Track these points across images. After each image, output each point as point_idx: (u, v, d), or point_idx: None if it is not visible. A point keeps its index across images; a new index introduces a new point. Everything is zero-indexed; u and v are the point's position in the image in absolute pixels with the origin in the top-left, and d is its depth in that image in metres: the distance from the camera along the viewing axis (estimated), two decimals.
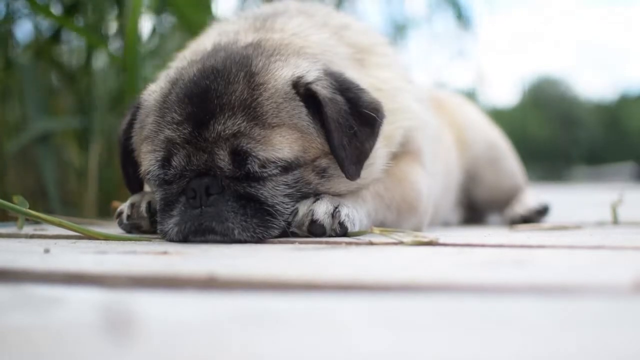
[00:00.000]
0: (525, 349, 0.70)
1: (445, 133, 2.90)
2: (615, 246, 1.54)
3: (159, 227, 1.81)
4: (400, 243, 1.64)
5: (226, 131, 1.72)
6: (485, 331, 0.77)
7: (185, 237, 1.74)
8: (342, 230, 1.77)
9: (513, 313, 0.86)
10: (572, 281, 1.02)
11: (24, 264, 1.25)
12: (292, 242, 1.69)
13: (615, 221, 2.58)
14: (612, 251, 1.48)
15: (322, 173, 1.81)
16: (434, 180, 2.33)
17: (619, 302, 0.91)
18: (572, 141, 48.28)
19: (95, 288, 1.06)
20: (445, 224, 2.93)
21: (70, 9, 3.53)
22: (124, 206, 1.98)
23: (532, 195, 3.26)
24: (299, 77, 1.80)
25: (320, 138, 1.79)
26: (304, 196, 1.80)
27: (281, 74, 1.81)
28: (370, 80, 2.03)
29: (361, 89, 1.88)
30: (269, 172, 1.74)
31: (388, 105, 1.94)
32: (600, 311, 0.86)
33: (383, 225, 1.94)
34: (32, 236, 1.89)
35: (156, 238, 1.83)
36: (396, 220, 2.02)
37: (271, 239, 1.75)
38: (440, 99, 3.18)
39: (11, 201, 1.76)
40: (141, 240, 1.79)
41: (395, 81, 2.13)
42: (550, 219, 3.02)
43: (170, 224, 1.76)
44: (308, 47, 1.97)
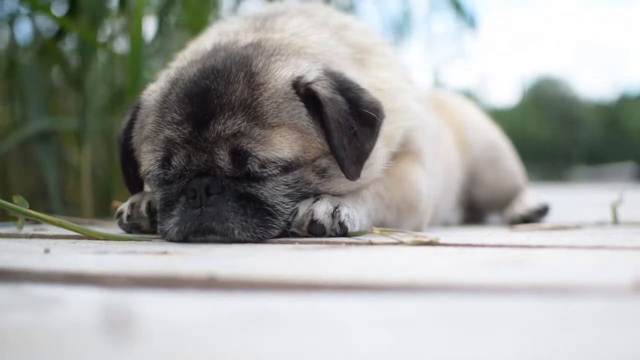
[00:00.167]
0: (525, 349, 0.70)
1: (445, 133, 2.90)
2: (615, 246, 1.54)
3: (159, 227, 1.81)
4: (400, 243, 1.64)
5: (226, 131, 1.72)
6: (485, 331, 0.77)
7: (185, 237, 1.74)
8: (342, 230, 1.77)
9: (513, 313, 0.86)
10: (572, 281, 1.02)
11: (24, 264, 1.25)
12: (292, 242, 1.69)
13: (615, 221, 2.58)
14: (612, 251, 1.47)
15: (322, 173, 1.81)
16: (434, 180, 2.33)
17: (619, 302, 0.91)
18: (572, 141, 48.29)
19: (95, 288, 1.06)
20: (446, 224, 2.93)
21: (71, 9, 3.52)
22: (124, 206, 1.98)
23: (532, 195, 3.26)
24: (299, 77, 1.80)
25: (320, 138, 1.79)
26: (304, 196, 1.80)
27: (281, 74, 1.81)
28: (370, 80, 2.03)
29: (361, 89, 1.88)
30: (269, 172, 1.74)
31: (388, 105, 1.94)
32: (600, 311, 0.86)
33: (383, 225, 1.94)
34: (32, 236, 1.89)
35: (156, 238, 1.83)
36: (396, 220, 2.02)
37: (271, 239, 1.75)
38: (440, 99, 3.18)
39: (11, 201, 1.76)
40: (141, 240, 1.79)
41: (395, 81, 2.13)
42: (550, 219, 3.02)
43: (170, 224, 1.76)
44: (308, 47, 1.97)
